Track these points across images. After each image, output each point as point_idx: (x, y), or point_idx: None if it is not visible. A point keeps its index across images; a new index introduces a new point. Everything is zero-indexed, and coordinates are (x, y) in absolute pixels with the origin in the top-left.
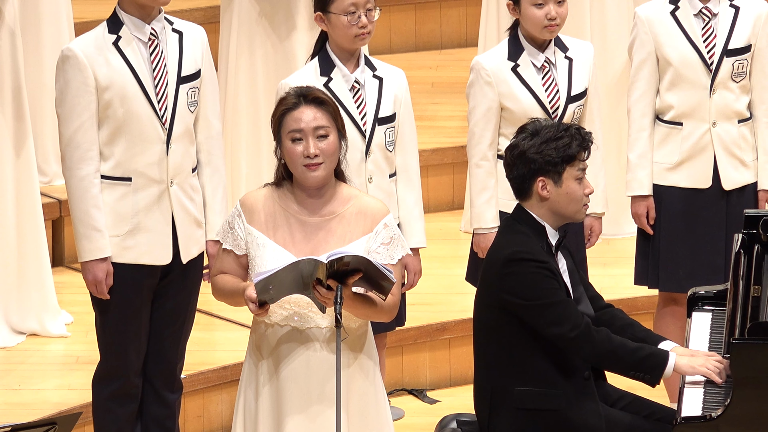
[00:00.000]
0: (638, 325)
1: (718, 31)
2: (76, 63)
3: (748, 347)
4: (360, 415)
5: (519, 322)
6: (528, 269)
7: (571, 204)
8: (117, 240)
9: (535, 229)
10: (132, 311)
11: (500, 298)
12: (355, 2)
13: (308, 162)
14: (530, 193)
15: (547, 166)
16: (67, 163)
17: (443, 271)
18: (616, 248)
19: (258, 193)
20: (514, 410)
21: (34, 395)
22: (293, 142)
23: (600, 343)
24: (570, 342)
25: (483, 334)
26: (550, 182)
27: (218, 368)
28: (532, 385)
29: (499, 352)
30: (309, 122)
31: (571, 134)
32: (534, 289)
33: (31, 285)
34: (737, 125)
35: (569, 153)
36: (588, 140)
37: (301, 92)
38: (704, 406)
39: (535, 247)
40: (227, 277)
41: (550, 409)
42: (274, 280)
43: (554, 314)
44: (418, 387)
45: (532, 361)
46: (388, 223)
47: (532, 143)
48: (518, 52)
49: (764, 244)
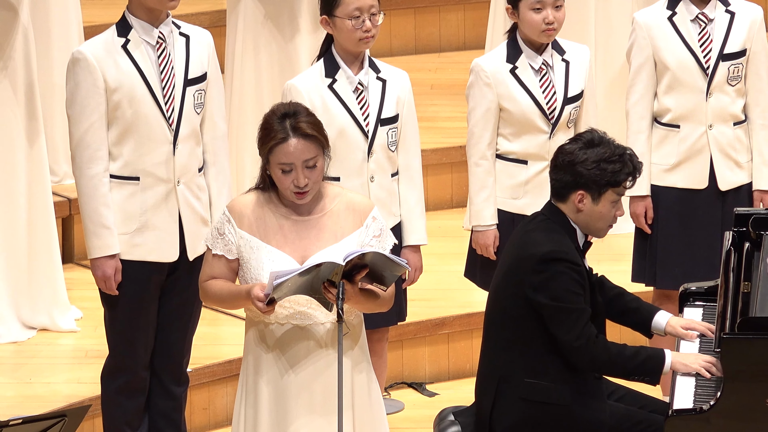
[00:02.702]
0: (627, 293)
1: (714, 36)
2: (86, 65)
3: (738, 341)
4: (358, 406)
5: (538, 318)
6: (562, 269)
7: (600, 222)
8: (125, 237)
9: (567, 228)
10: (140, 307)
11: (528, 291)
12: (359, 7)
13: (298, 191)
14: (566, 200)
15: (591, 184)
16: (77, 163)
17: (442, 267)
18: (613, 245)
19: (245, 198)
20: (520, 400)
21: (45, 388)
22: (283, 173)
23: (599, 354)
24: (573, 350)
25: (498, 322)
26: (588, 198)
27: (223, 362)
28: (541, 378)
29: (514, 342)
30: (299, 156)
31: (625, 161)
32: (560, 290)
33: (42, 281)
34: (733, 128)
35: (617, 179)
36: (638, 171)
37: (287, 119)
38: (696, 399)
39: (571, 248)
40: (220, 282)
41: (556, 403)
42: (292, 281)
43: (569, 321)
44: (417, 380)
45: (546, 356)
46: (375, 216)
47: (585, 157)
48: (517, 54)
49: (754, 242)
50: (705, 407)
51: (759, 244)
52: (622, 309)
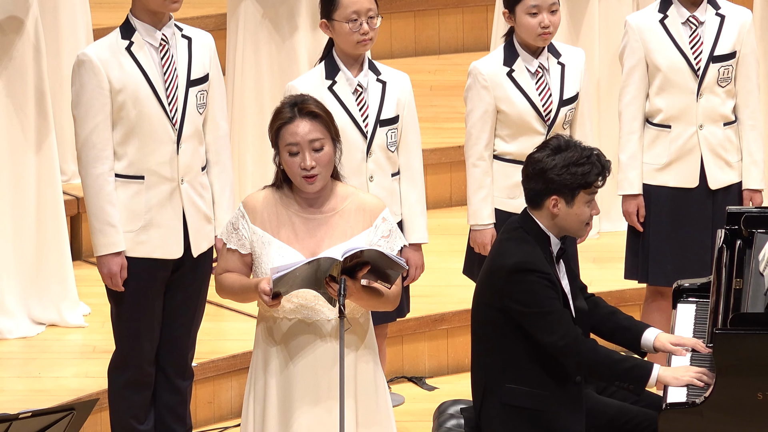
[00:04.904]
0: (620, 312)
1: (705, 39)
2: (91, 67)
3: (730, 337)
4: (363, 401)
5: (516, 326)
6: (531, 278)
7: (576, 223)
8: (131, 235)
9: (540, 237)
10: (145, 303)
11: (502, 302)
12: (357, 10)
13: (305, 174)
14: (541, 206)
15: (563, 189)
16: (83, 163)
17: (442, 264)
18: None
19: (259, 195)
20: (502, 405)
21: (53, 382)
22: (291, 155)
23: (586, 353)
24: (559, 351)
25: (480, 330)
26: (562, 202)
27: (228, 357)
28: (521, 384)
29: (494, 350)
30: (304, 136)
31: (592, 162)
32: (534, 297)
33: (51, 278)
34: (723, 128)
35: (588, 181)
36: (607, 169)
37: (296, 105)
38: (689, 393)
39: (539, 259)
40: (234, 275)
41: (536, 408)
42: (292, 275)
43: (548, 323)
44: (417, 375)
45: (524, 362)
46: (386, 217)
47: (554, 164)
48: (513, 57)
49: (745, 240)
50: (698, 401)
51: (751, 242)
52: (613, 327)
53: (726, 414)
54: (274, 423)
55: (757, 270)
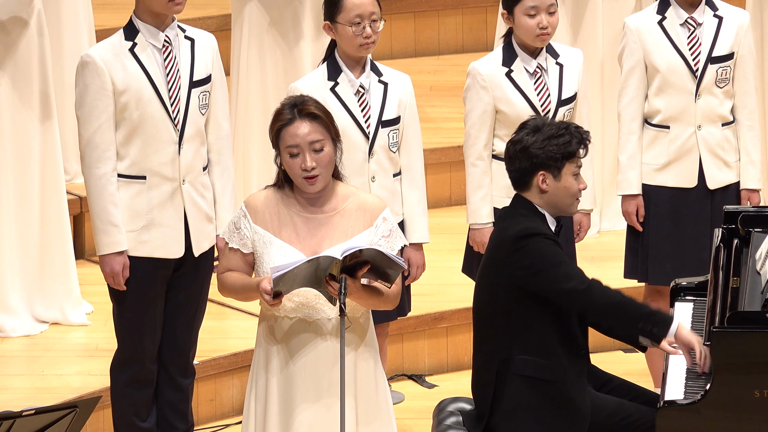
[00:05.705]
0: None
1: (703, 40)
2: (94, 68)
3: (727, 335)
4: (363, 400)
5: (522, 296)
6: (536, 240)
7: (567, 197)
8: (133, 235)
9: (536, 215)
10: (147, 301)
11: (509, 274)
12: (360, 14)
13: (306, 175)
14: (530, 185)
15: (549, 161)
16: (86, 163)
17: (441, 263)
18: (605, 243)
19: (261, 195)
20: (515, 377)
21: (57, 380)
22: (291, 156)
23: (611, 292)
24: (581, 294)
25: (487, 311)
26: (549, 176)
27: (229, 355)
28: (533, 355)
29: (505, 327)
30: (305, 137)
31: (571, 132)
32: (542, 255)
33: (55, 277)
34: (721, 128)
35: (570, 150)
36: (586, 138)
37: (296, 107)
38: (686, 391)
39: (541, 225)
40: (235, 275)
41: (545, 379)
42: (292, 275)
43: (562, 272)
44: (417, 372)
45: (532, 332)
46: (386, 217)
47: (534, 139)
48: (512, 58)
49: (742, 239)
50: (695, 399)
51: (747, 241)
52: None
53: (723, 411)
54: (275, 421)
55: (754, 269)
